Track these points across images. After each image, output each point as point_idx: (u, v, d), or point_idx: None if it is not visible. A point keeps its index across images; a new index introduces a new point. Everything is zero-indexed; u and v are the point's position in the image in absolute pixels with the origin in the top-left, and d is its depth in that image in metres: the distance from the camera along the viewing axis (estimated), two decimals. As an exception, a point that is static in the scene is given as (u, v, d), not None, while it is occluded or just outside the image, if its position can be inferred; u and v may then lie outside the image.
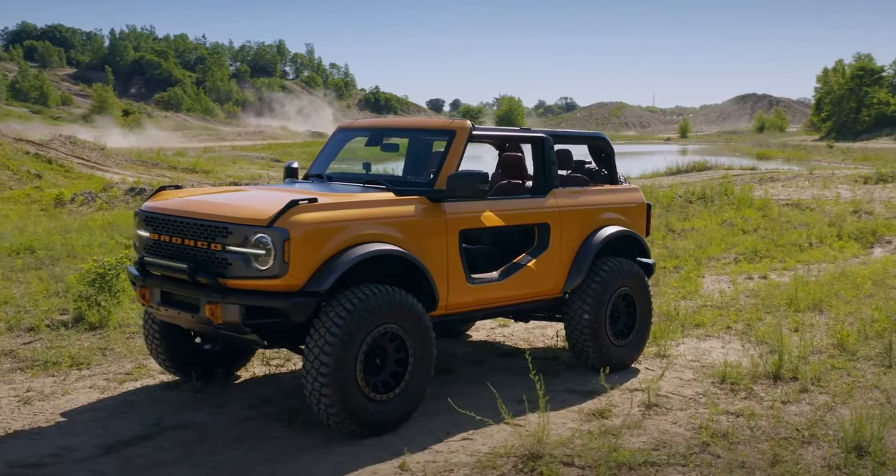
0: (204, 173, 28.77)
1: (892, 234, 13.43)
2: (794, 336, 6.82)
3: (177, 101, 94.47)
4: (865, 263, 10.77)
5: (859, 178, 25.56)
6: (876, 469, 3.95)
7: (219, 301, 4.49)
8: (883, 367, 5.89)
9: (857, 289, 8.65)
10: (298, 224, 4.43)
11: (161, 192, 5.34)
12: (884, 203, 18.36)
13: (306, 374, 4.48)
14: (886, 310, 7.46)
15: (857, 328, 6.88)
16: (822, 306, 7.94)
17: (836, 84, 66.38)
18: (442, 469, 4.18)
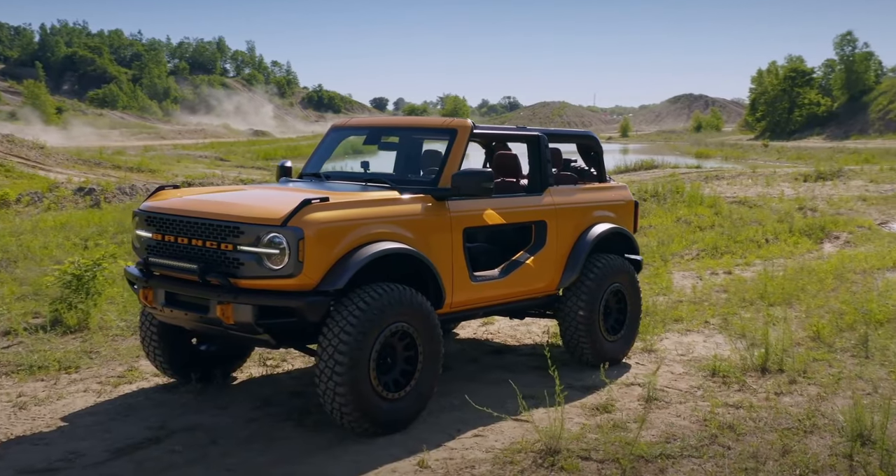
0: (150, 172, 28.17)
1: (839, 230, 13.93)
2: (771, 329, 7.06)
3: (112, 99, 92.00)
4: (820, 258, 11.16)
5: (799, 175, 26.43)
6: (883, 457, 4.10)
7: (230, 301, 4.45)
8: (861, 358, 6.13)
9: (820, 283, 8.98)
10: (312, 223, 4.42)
11: (160, 192, 5.26)
12: (825, 200, 19.04)
13: (320, 373, 4.47)
14: (853, 303, 7.77)
15: (828, 321, 7.14)
16: (792, 300, 8.22)
17: (769, 85, 68.44)
18: (462, 466, 4.22)
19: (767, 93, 68.10)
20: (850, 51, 65.86)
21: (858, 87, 64.40)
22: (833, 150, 47.57)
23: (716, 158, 44.74)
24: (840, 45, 66.44)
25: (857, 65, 65.13)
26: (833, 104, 65.28)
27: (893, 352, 6.21)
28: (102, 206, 16.13)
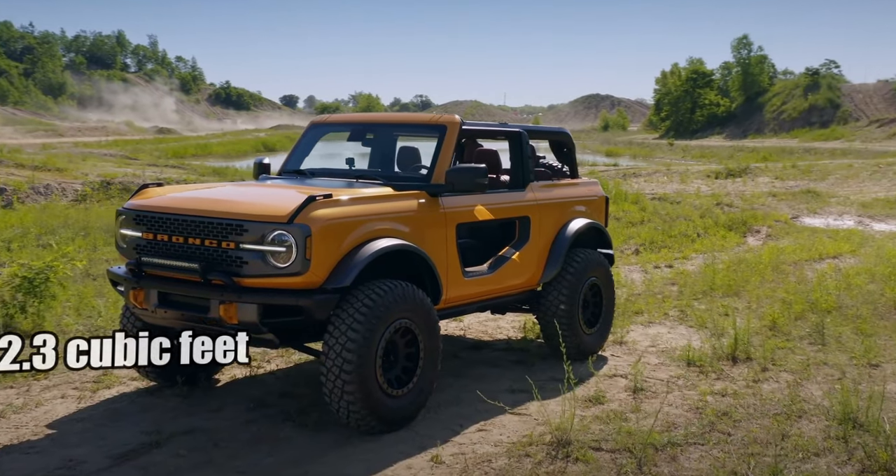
0: (58, 171, 26.90)
1: (759, 224, 14.63)
2: (725, 319, 7.37)
3: (2, 94, 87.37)
4: (750, 251, 11.70)
5: (711, 173, 27.54)
6: (877, 439, 4.31)
7: (235, 300, 4.37)
8: (819, 346, 6.47)
9: (760, 274, 9.42)
10: (318, 220, 4.38)
11: (144, 191, 5.10)
12: (739, 196, 19.92)
13: (327, 371, 4.43)
14: (798, 293, 8.20)
15: (779, 311, 7.49)
16: (739, 291, 8.60)
17: (673, 86, 70.94)
18: (477, 460, 4.25)
19: (671, 93, 70.57)
20: (746, 54, 68.89)
21: (754, 89, 67.44)
22: (733, 148, 49.71)
23: (624, 157, 46.10)
24: (737, 48, 69.43)
25: (753, 67, 68.18)
26: (732, 105, 68.19)
27: (849, 338, 6.58)
28: (16, 207, 15.39)
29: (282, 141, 62.21)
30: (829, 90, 62.19)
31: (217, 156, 43.70)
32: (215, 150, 48.56)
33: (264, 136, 62.44)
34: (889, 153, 41.50)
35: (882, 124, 56.66)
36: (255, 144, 54.31)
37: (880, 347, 6.24)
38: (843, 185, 24.34)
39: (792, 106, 63.40)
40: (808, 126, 59.75)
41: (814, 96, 62.08)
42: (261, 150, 52.00)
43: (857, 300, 7.88)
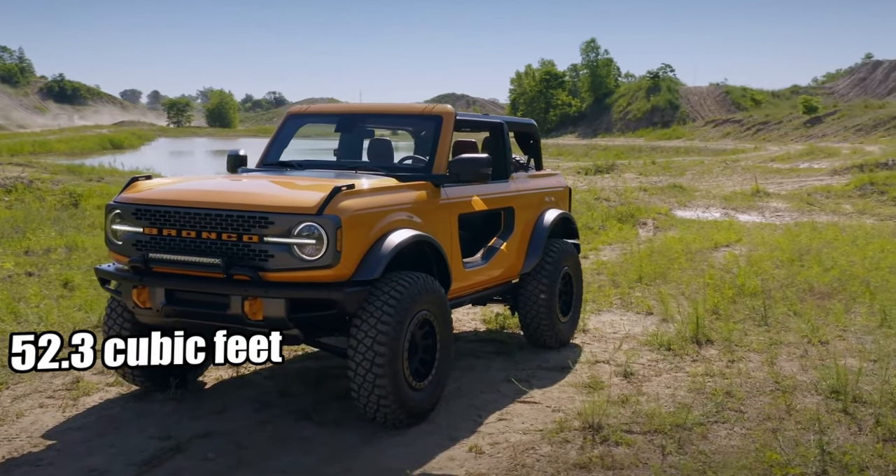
0: None
1: (645, 217, 15.46)
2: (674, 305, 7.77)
3: None
4: (652, 241, 12.35)
5: (581, 169, 28.75)
6: (877, 412, 4.62)
7: (260, 296, 4.20)
8: (764, 327, 6.93)
9: (676, 263, 9.98)
10: (346, 210, 4.28)
11: (135, 184, 4.79)
12: (613, 191, 20.90)
13: (356, 366, 4.33)
14: (721, 278, 8.77)
15: (718, 295, 7.91)
16: (666, 279, 9.07)
17: (527, 86, 73.34)
18: (518, 448, 4.26)
19: (526, 94, 72.92)
20: (594, 57, 72.26)
21: (602, 90, 70.84)
22: (587, 146, 52.02)
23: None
24: (586, 51, 72.65)
25: (601, 70, 71.61)
26: (582, 105, 71.34)
27: (787, 319, 7.06)
28: None
29: (129, 138, 59.17)
30: (669, 92, 66.25)
31: (59, 154, 40.87)
32: (56, 147, 45.40)
33: (109, 133, 59.15)
34: (727, 151, 44.77)
35: (717, 124, 60.91)
36: (101, 142, 51.39)
37: (820, 327, 6.76)
38: (700, 180, 26.01)
39: (636, 107, 67.07)
40: (652, 126, 63.42)
41: (655, 98, 65.93)
42: (108, 147, 49.27)
43: (776, 284, 8.52)
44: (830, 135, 50.06)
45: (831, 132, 50.84)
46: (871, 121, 49.71)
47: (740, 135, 55.72)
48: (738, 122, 58.49)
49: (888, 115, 49.14)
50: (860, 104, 56.44)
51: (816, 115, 53.42)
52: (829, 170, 27.02)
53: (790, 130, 53.95)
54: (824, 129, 51.85)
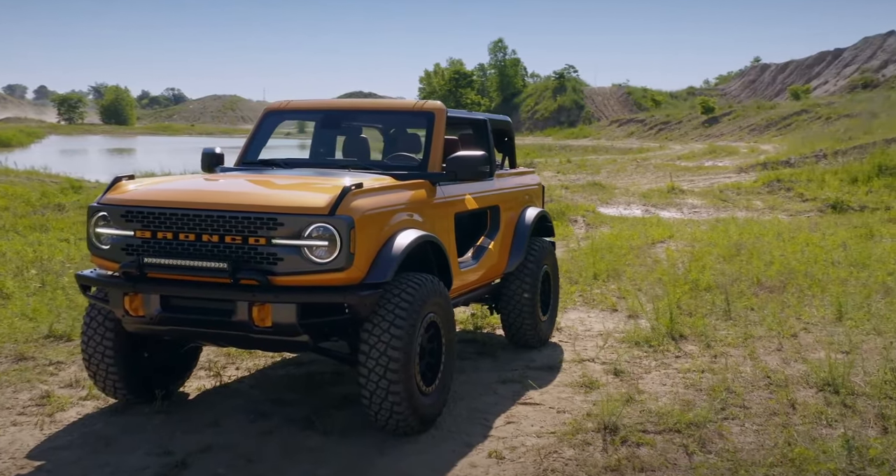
0: None
1: (575, 214, 15.71)
2: (623, 301, 7.87)
3: None
4: (591, 238, 12.52)
5: (499, 168, 28.91)
6: (878, 405, 4.71)
7: (270, 301, 3.98)
8: (729, 321, 7.07)
9: (624, 258, 10.14)
10: (358, 210, 4.10)
11: (119, 184, 4.47)
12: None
13: (368, 373, 4.15)
14: (672, 274, 8.96)
15: (680, 291, 8.03)
16: (619, 275, 9.19)
17: (437, 85, 73.62)
18: (539, 453, 4.16)
19: (436, 92, 73.17)
20: (502, 57, 73.18)
21: (510, 90, 71.83)
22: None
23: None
24: (493, 50, 73.51)
25: (508, 69, 72.59)
26: (491, 104, 72.08)
27: (748, 313, 7.23)
28: None
29: (17, 135, 56.10)
30: (574, 93, 67.76)
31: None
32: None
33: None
34: (633, 149, 46.06)
35: (621, 124, 62.61)
36: (-17, 138, 48.61)
37: (783, 320, 6.95)
38: (616, 177, 26.61)
39: (543, 106, 68.31)
40: (559, 125, 64.71)
41: (561, 98, 67.32)
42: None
43: (726, 279, 8.74)
44: (727, 134, 52.23)
45: (728, 131, 53.05)
46: (763, 121, 52.15)
47: (644, 134, 57.46)
48: (642, 122, 60.30)
49: (778, 115, 51.64)
50: (753, 105, 59.08)
51: (714, 116, 55.62)
52: (735, 167, 28.11)
53: (690, 130, 55.99)
54: (721, 129, 54.05)
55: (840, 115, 44.61)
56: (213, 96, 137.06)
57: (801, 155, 26.72)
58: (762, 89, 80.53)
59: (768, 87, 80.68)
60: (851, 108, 46.03)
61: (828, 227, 14.14)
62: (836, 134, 34.90)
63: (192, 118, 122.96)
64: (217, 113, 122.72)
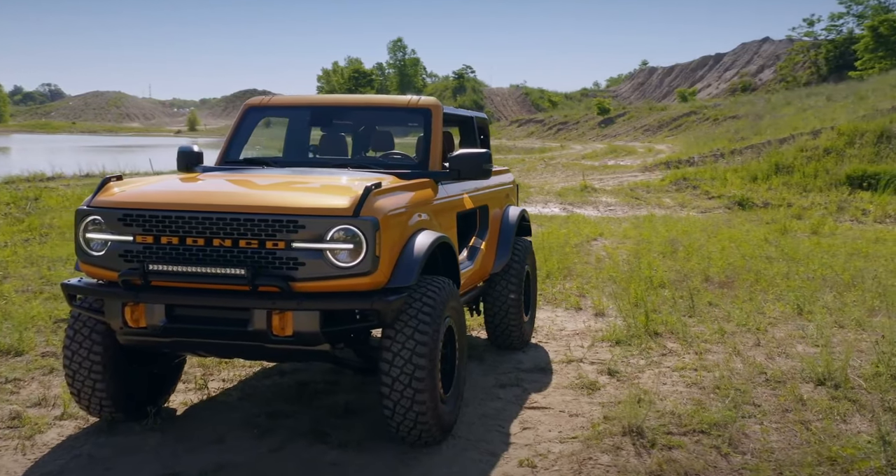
0: None
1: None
2: (585, 300, 7.90)
3: None
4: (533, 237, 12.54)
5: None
6: (883, 399, 4.77)
7: (292, 308, 3.72)
8: (695, 317, 7.13)
9: (569, 257, 10.19)
10: (381, 211, 3.89)
11: (109, 185, 4.10)
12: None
13: (392, 382, 3.93)
14: (623, 272, 9.06)
15: (641, 288, 8.07)
16: (571, 274, 9.22)
17: (336, 84, 72.69)
18: (572, 460, 4.04)
19: (335, 91, 72.27)
20: (402, 56, 73.04)
21: (410, 89, 71.75)
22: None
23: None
24: (393, 50, 73.26)
25: (408, 69, 72.54)
26: (391, 103, 71.82)
27: (710, 309, 7.36)
28: None
29: None
30: (474, 93, 68.43)
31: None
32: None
33: None
34: (536, 149, 46.86)
35: (521, 124, 63.63)
36: None
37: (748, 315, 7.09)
38: (528, 177, 26.93)
39: (444, 106, 68.72)
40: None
41: (461, 98, 67.80)
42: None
43: (676, 275, 8.91)
44: (622, 134, 53.90)
45: (623, 132, 54.75)
46: (655, 122, 54.10)
47: (543, 134, 58.57)
48: (541, 122, 61.46)
49: (669, 116, 53.69)
50: (645, 106, 61.20)
51: (609, 116, 57.24)
52: (640, 166, 28.96)
53: (587, 130, 57.46)
54: (616, 129, 55.73)
55: (726, 117, 46.73)
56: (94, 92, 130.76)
57: (701, 154, 27.81)
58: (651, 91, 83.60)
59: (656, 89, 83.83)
60: (736, 109, 48.32)
61: (741, 223, 14.71)
62: (726, 134, 36.53)
63: (72, 115, 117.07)
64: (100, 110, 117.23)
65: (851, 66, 54.79)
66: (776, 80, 68.06)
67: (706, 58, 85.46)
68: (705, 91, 75.84)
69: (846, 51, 59.53)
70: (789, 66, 68.41)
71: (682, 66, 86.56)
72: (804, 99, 41.75)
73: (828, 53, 62.16)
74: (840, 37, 61.79)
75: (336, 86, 71.91)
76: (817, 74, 62.26)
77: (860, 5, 60.69)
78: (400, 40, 72.21)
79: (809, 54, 65.09)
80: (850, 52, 57.45)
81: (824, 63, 62.33)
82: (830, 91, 42.21)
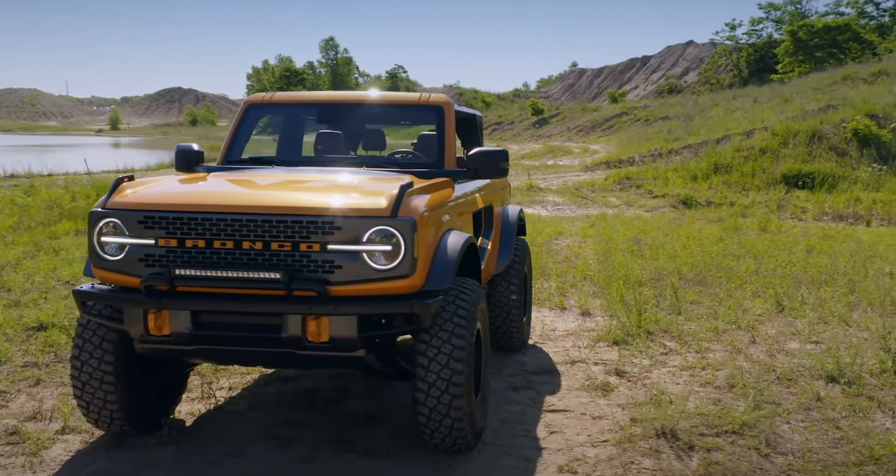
0: None
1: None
2: (567, 299, 7.88)
3: None
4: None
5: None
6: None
7: (329, 313, 3.55)
8: (682, 316, 7.08)
9: (538, 256, 10.17)
10: (417, 210, 3.74)
11: (122, 186, 3.84)
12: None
13: (429, 388, 3.78)
14: (597, 271, 9.09)
15: (622, 286, 8.10)
16: (546, 273, 9.20)
17: (267, 82, 71.50)
18: (614, 465, 3.95)
19: (266, 90, 71.03)
20: (334, 55, 72.31)
21: (343, 89, 71.15)
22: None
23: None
24: (325, 48, 72.46)
25: (341, 68, 71.86)
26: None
27: (693, 307, 7.41)
28: None
29: None
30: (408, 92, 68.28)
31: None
32: None
33: None
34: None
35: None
36: None
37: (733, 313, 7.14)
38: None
39: (377, 106, 68.31)
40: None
41: (396, 97, 67.60)
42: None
43: (651, 273, 8.98)
44: (557, 135, 54.52)
45: (557, 132, 55.39)
46: (588, 122, 54.88)
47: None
48: (475, 122, 61.57)
49: (602, 117, 54.54)
50: (577, 107, 62.04)
51: (543, 117, 57.81)
52: (581, 166, 29.33)
53: (522, 130, 57.93)
54: (551, 130, 56.34)
55: (657, 118, 47.72)
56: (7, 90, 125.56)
57: (640, 154, 28.31)
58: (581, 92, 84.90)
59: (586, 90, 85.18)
60: (666, 110, 49.40)
61: (691, 221, 14.99)
62: (659, 135, 37.26)
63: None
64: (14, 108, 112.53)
65: (772, 69, 56.64)
66: (701, 83, 69.86)
67: (633, 60, 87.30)
68: (633, 92, 77.41)
69: (766, 54, 61.51)
70: (713, 68, 70.33)
71: (610, 68, 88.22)
72: (731, 101, 42.92)
73: (749, 57, 64.09)
74: (760, 41, 63.75)
75: (267, 84, 70.77)
76: (739, 77, 64.16)
77: (778, 11, 62.79)
78: (332, 39, 71.59)
79: (732, 57, 67.00)
80: (770, 56, 59.40)
81: (746, 66, 64.26)
82: (756, 93, 43.49)
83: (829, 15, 56.97)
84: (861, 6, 55.58)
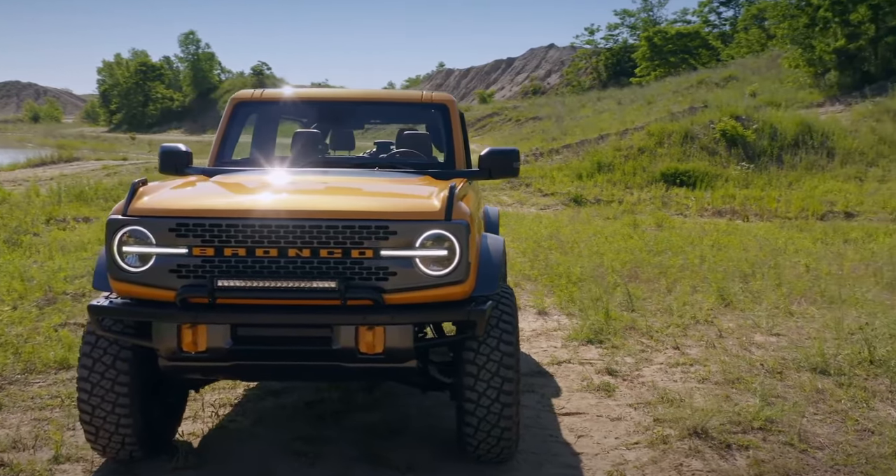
0: None
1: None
2: (520, 298, 7.85)
3: None
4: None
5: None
6: (893, 382, 5.01)
7: (385, 323, 3.33)
8: (636, 313, 7.23)
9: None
10: (467, 213, 3.57)
11: (140, 191, 3.45)
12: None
13: (479, 397, 3.59)
14: (538, 269, 9.12)
15: (568, 286, 8.11)
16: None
17: (121, 77, 67.80)
18: (663, 467, 3.88)
19: (120, 85, 67.42)
20: (195, 50, 69.50)
21: (205, 85, 68.50)
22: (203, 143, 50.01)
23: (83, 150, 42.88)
24: (185, 43, 69.51)
25: (202, 63, 69.16)
26: (185, 99, 68.15)
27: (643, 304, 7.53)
28: None
29: None
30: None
31: None
32: None
33: None
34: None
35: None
36: None
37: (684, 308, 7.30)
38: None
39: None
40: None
41: (261, 95, 65.75)
42: None
43: (586, 271, 9.09)
44: (428, 134, 54.80)
45: (428, 132, 55.65)
46: (462, 122, 55.51)
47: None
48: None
49: (474, 117, 55.10)
50: (449, 107, 62.45)
51: (415, 116, 57.75)
52: (464, 166, 29.59)
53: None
54: (422, 129, 56.53)
55: (528, 118, 48.83)
56: None
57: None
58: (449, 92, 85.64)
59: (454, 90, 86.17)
60: (536, 111, 50.63)
61: (589, 218, 15.36)
62: (532, 134, 38.22)
63: None
64: None
65: (629, 72, 59.21)
66: (563, 84, 72.16)
67: (499, 61, 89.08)
68: (500, 93, 78.98)
69: (623, 58, 64.29)
70: (574, 71, 72.73)
71: (477, 69, 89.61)
72: (597, 102, 44.55)
73: (607, 61, 66.77)
74: (617, 46, 66.57)
75: (121, 79, 67.15)
76: (599, 80, 66.75)
77: (632, 17, 65.79)
78: (193, 33, 68.62)
79: (591, 61, 69.60)
80: (627, 60, 62.12)
81: (604, 69, 66.93)
82: (619, 95, 45.33)
83: (677, 22, 60.24)
84: (705, 15, 59.11)
